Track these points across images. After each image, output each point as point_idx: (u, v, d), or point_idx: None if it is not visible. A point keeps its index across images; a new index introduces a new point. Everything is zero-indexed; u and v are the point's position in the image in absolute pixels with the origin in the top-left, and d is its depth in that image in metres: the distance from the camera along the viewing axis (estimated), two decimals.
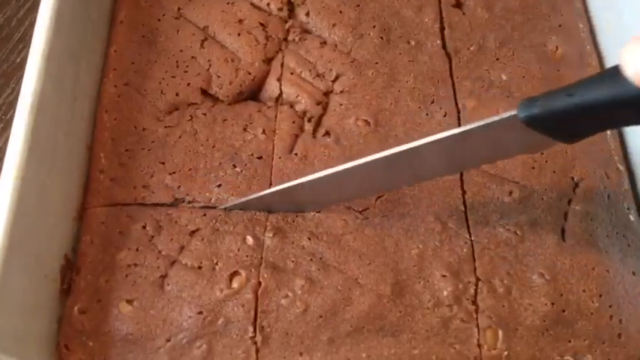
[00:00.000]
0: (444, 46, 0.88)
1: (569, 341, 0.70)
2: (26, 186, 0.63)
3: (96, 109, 0.81)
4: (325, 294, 0.70)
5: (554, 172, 0.78)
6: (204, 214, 0.75)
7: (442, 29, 0.89)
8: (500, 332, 0.70)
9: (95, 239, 0.73)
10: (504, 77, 0.85)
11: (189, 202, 0.75)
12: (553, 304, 0.71)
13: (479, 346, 0.69)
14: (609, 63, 0.89)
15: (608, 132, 0.83)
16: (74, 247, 0.73)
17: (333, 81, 0.84)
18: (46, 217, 0.68)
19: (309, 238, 0.73)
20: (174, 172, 0.77)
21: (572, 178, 0.78)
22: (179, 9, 0.88)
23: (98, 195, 0.76)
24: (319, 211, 0.75)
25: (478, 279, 0.72)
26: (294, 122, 0.81)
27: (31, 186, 0.64)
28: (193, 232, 0.74)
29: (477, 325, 0.70)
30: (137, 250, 0.72)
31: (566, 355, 0.70)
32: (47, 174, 0.68)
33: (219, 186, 0.76)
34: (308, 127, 0.82)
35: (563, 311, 0.71)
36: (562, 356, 0.70)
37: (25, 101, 0.66)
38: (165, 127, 0.80)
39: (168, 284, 0.70)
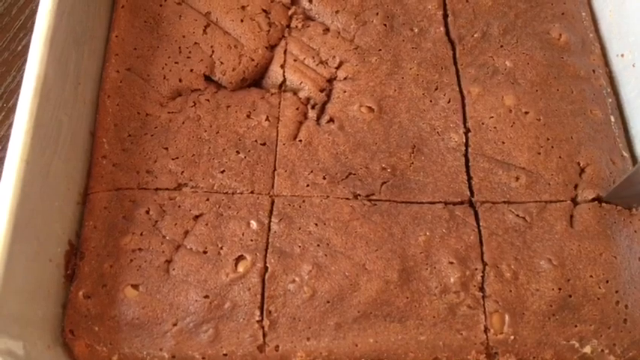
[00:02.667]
0: (447, 33, 0.88)
1: (575, 326, 0.70)
2: (30, 169, 0.63)
3: (98, 94, 0.80)
4: (332, 279, 0.69)
5: (560, 157, 0.78)
6: (208, 199, 0.74)
7: (445, 16, 0.89)
8: (506, 317, 0.69)
9: (98, 224, 0.72)
10: (508, 64, 0.85)
11: (192, 188, 0.75)
12: (560, 289, 0.70)
13: (485, 331, 0.69)
14: (611, 51, 0.89)
15: (612, 118, 0.83)
16: (78, 233, 0.72)
17: (337, 68, 0.84)
18: (50, 201, 0.67)
19: (316, 224, 0.73)
20: (177, 158, 0.76)
21: (579, 164, 0.78)
22: None
23: (101, 180, 0.75)
24: (326, 198, 0.74)
25: (485, 264, 0.71)
26: (297, 109, 0.81)
27: (36, 169, 0.64)
28: (197, 216, 0.73)
29: (484, 312, 0.69)
30: (141, 234, 0.71)
31: (572, 339, 0.70)
32: (51, 158, 0.67)
33: (222, 172, 0.76)
34: (312, 113, 0.81)
35: (570, 296, 0.70)
36: (568, 341, 0.70)
37: (29, 85, 0.65)
38: (169, 112, 0.79)
39: (173, 269, 0.69)
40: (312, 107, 0.81)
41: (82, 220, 0.73)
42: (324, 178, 0.76)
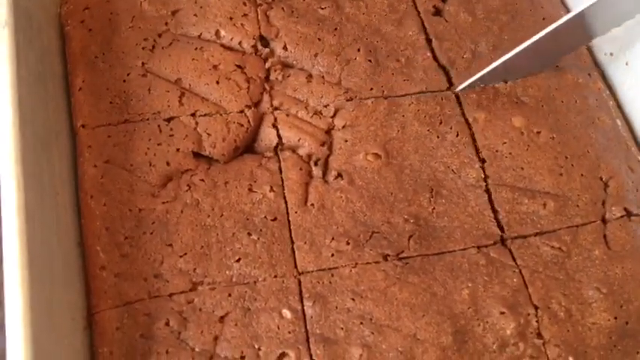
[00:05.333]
0: (435, 58, 0.83)
1: (638, 352, 0.67)
2: (34, 312, 0.54)
3: (79, 196, 0.70)
4: (387, 359, 0.64)
5: (582, 175, 0.75)
6: (229, 295, 0.67)
7: (429, 41, 0.84)
8: (570, 359, 0.66)
9: (114, 349, 0.64)
10: (507, 82, 0.81)
11: (209, 285, 0.67)
12: (615, 318, 0.68)
13: None
14: (599, 50, 0.86)
15: (619, 122, 0.80)
16: None
17: (333, 117, 0.78)
18: (59, 340, 0.58)
19: (353, 299, 0.67)
20: (185, 254, 0.68)
21: (601, 178, 0.75)
22: (143, 64, 0.78)
23: (104, 296, 0.66)
24: (355, 266, 0.69)
25: (536, 307, 0.68)
26: (301, 169, 0.74)
27: (40, 314, 0.55)
28: (223, 317, 0.66)
29: (547, 358, 0.66)
30: (167, 352, 0.63)
31: None
32: (50, 292, 0.59)
33: (238, 260, 0.69)
34: (316, 171, 0.75)
35: (627, 323, 0.68)
36: None
37: (12, 220, 0.56)
38: (163, 202, 0.71)
39: None
40: (315, 164, 0.75)
41: (94, 347, 0.64)
42: (348, 243, 0.70)
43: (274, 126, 0.76)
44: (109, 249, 0.68)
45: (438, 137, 0.77)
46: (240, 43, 0.81)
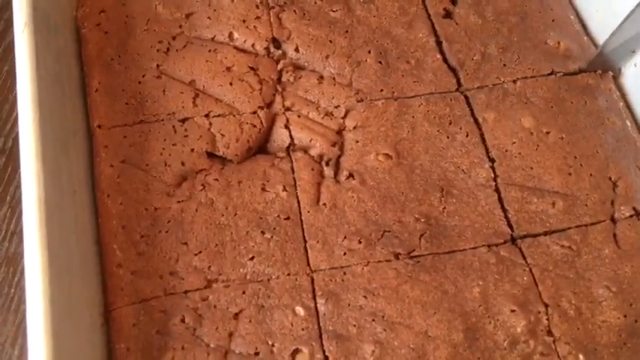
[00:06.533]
0: (444, 60, 0.84)
1: None
2: (55, 308, 0.55)
3: (95, 196, 0.72)
4: (398, 355, 0.65)
5: (591, 175, 0.76)
6: (244, 292, 0.68)
7: (439, 43, 0.85)
8: (580, 357, 0.67)
9: (131, 345, 0.65)
10: (517, 83, 0.82)
11: (223, 282, 0.68)
12: (625, 316, 0.68)
13: None
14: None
15: (628, 123, 0.81)
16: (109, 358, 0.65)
17: (344, 117, 0.79)
18: (79, 337, 0.59)
19: (365, 297, 0.68)
20: (200, 252, 0.70)
21: (610, 178, 0.76)
22: (158, 66, 0.80)
23: (121, 293, 0.67)
24: (367, 264, 0.70)
25: (546, 305, 0.68)
26: (312, 169, 0.75)
27: (60, 306, 0.56)
28: (237, 314, 0.67)
29: (558, 356, 0.66)
30: (182, 348, 0.65)
31: None
32: (69, 290, 0.60)
33: (251, 258, 0.70)
34: (328, 171, 0.76)
35: (636, 321, 0.68)
36: None
37: (32, 218, 0.57)
38: (178, 202, 0.72)
39: None
40: (327, 164, 0.76)
41: (111, 344, 0.66)
42: (360, 242, 0.71)
43: (286, 127, 0.77)
44: (125, 247, 0.69)
45: (447, 137, 0.78)
46: (253, 45, 0.83)
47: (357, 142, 0.77)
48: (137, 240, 0.70)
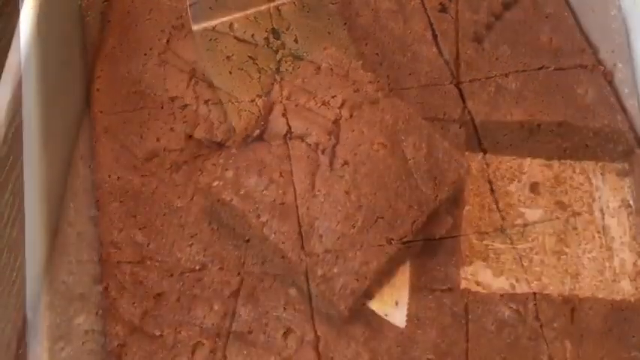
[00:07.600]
0: (440, 54, 0.86)
1: (634, 336, 0.69)
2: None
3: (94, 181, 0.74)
4: (388, 338, 0.66)
5: (580, 168, 0.77)
6: (238, 273, 0.70)
7: (435, 36, 0.87)
8: (567, 343, 0.68)
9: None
10: (509, 77, 0.83)
11: (219, 265, 0.70)
12: (612, 303, 0.70)
13: None
14: (602, 48, 0.88)
15: (619, 117, 0.82)
16: None
17: (340, 107, 0.80)
18: None
19: (357, 280, 0.69)
20: (195, 234, 0.71)
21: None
22: (159, 54, 0.82)
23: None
24: (360, 249, 0.71)
25: (534, 293, 0.70)
26: (309, 157, 0.77)
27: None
28: (231, 294, 0.69)
29: (545, 341, 0.68)
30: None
31: (634, 351, 0.69)
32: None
33: (247, 241, 0.71)
34: (323, 159, 0.77)
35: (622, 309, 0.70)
36: (629, 353, 0.69)
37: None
38: (176, 186, 0.74)
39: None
40: (323, 152, 0.78)
41: None
42: (353, 227, 0.73)
43: (284, 115, 0.79)
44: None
45: (442, 128, 0.80)
46: (252, 35, 0.84)
47: (353, 131, 0.79)
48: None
